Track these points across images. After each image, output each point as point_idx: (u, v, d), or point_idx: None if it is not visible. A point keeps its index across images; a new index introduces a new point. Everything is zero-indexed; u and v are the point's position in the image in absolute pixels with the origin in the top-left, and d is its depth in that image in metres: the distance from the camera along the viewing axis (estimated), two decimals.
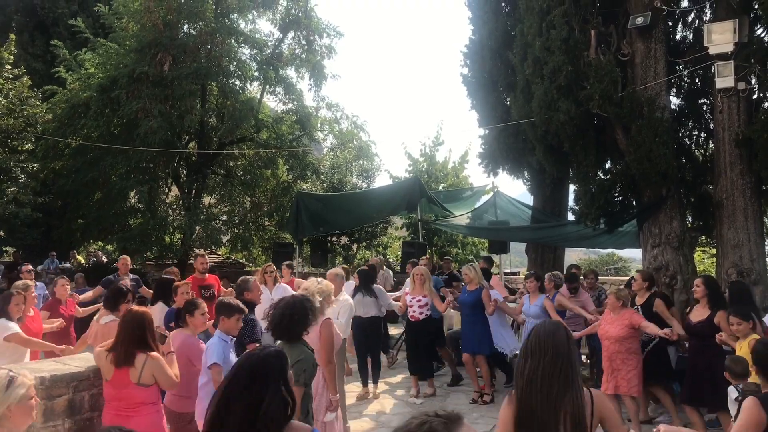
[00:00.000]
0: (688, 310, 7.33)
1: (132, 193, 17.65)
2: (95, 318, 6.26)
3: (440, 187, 20.52)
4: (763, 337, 5.36)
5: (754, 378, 4.55)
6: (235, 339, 5.12)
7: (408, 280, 9.82)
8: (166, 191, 19.57)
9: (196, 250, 8.86)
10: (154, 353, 4.37)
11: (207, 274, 9.22)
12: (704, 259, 19.22)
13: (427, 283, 8.83)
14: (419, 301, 8.73)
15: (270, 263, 9.70)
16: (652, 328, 6.82)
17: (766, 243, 9.81)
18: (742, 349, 5.44)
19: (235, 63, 17.76)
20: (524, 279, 9.53)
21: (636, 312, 7.24)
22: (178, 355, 4.79)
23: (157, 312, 6.52)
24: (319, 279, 5.62)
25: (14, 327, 6.03)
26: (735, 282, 7.84)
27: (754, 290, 8.55)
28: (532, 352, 2.88)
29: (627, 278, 14.64)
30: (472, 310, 8.71)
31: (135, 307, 4.66)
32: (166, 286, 7.16)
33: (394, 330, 13.01)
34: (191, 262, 18.68)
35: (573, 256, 21.38)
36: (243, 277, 6.60)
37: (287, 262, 10.90)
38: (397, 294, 10.34)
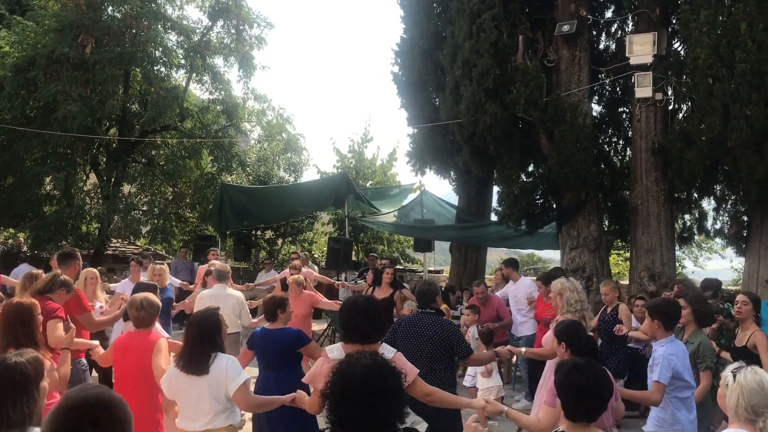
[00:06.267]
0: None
1: (47, 180, 16.84)
2: None
3: (368, 184, 20.50)
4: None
5: None
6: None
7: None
8: (84, 178, 18.74)
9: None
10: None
11: None
12: (619, 262, 19.97)
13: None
14: None
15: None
16: (327, 304, 8.58)
17: (676, 248, 10.27)
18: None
19: (160, 49, 17.16)
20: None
21: (316, 293, 8.77)
22: None
23: None
24: (569, 279, 5.39)
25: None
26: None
27: (663, 293, 8.95)
28: None
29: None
30: None
31: (18, 299, 4.27)
32: None
33: (317, 326, 12.92)
34: (108, 252, 18.18)
35: (495, 255, 21.78)
36: (426, 279, 5.86)
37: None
38: None
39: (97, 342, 5.40)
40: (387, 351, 3.61)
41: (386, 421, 2.15)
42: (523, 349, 5.64)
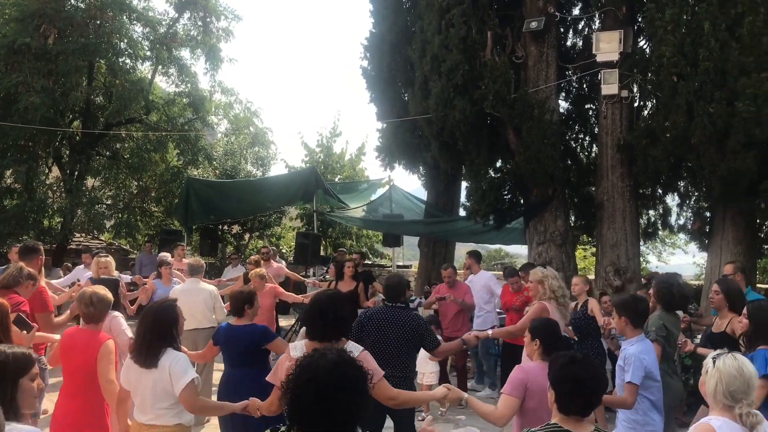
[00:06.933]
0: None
1: (8, 173, 16.52)
2: None
3: (336, 179, 20.45)
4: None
5: None
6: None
7: None
8: (47, 172, 18.40)
9: None
10: None
11: None
12: (585, 257, 20.22)
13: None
14: None
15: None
16: (289, 296, 8.88)
17: (641, 243, 10.42)
18: None
19: (126, 41, 16.89)
20: None
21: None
22: None
23: None
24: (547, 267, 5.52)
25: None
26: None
27: (628, 288, 9.10)
28: None
29: None
30: None
31: None
32: None
33: (284, 321, 12.86)
34: (71, 246, 17.83)
35: (463, 250, 21.90)
36: (395, 273, 5.87)
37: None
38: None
39: (57, 336, 5.28)
40: (354, 349, 3.51)
41: (345, 421, 2.06)
42: (490, 331, 5.65)
